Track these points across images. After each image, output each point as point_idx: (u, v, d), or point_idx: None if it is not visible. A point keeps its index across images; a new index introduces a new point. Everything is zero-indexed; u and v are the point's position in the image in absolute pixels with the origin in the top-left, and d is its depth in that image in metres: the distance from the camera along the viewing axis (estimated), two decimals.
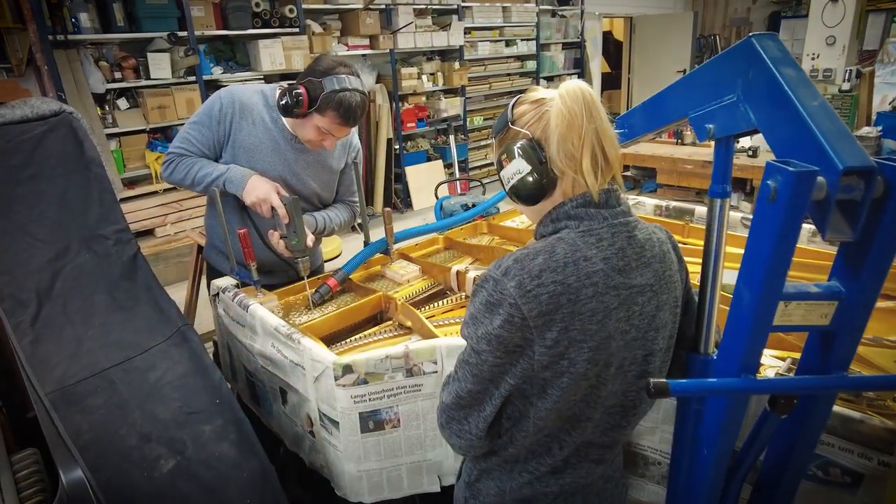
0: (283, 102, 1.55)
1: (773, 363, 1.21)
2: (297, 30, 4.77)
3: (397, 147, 5.77)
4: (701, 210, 2.07)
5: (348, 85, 1.54)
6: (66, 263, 1.41)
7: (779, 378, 0.90)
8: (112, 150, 4.15)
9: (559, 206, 0.87)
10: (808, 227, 1.79)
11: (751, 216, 1.99)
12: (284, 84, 1.62)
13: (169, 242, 4.36)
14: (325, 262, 3.18)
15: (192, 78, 4.34)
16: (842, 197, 0.70)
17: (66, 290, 1.36)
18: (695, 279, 1.01)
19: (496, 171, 0.93)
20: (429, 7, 5.79)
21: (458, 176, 5.36)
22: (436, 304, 1.67)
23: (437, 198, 2.37)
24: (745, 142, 4.51)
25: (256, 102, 1.71)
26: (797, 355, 1.26)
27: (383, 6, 5.37)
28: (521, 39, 6.90)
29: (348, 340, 1.49)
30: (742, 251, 0.79)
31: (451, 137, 4.43)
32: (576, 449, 0.91)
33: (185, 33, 4.17)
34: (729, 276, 1.58)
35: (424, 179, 5.93)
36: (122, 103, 4.18)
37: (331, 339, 1.53)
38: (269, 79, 4.72)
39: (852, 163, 0.68)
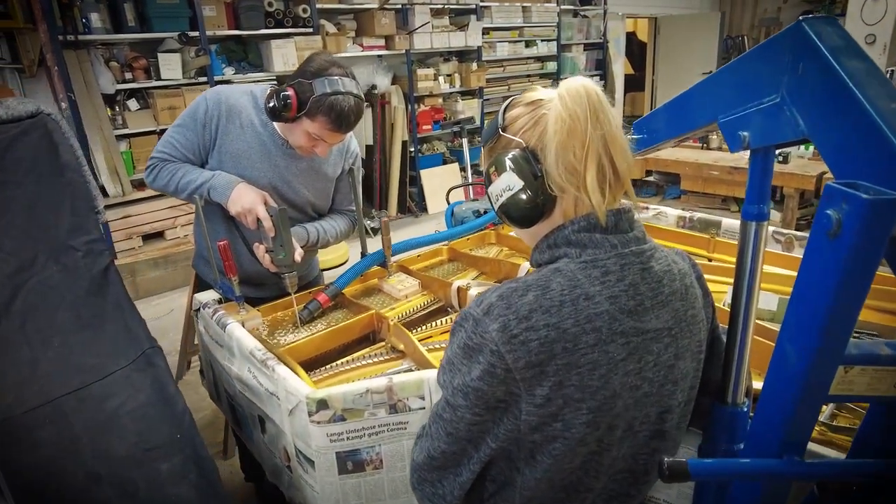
0: (271, 105, 1.43)
1: None
2: (310, 30, 4.68)
3: (412, 150, 5.65)
4: (728, 222, 1.89)
5: (341, 87, 1.40)
6: (30, 277, 1.30)
7: (834, 461, 0.72)
8: (122, 151, 4.11)
9: (558, 230, 0.72)
10: None
11: (782, 229, 1.81)
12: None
13: (178, 245, 4.32)
14: (331, 269, 3.08)
15: (204, 78, 4.28)
16: None
17: (26, 307, 1.25)
18: (719, 302, 0.84)
19: (484, 186, 0.78)
20: (446, 7, 5.66)
21: (471, 180, 5.20)
22: (435, 324, 1.53)
23: (448, 203, 2.25)
24: None
25: (245, 104, 1.60)
26: None
27: (399, 6, 5.26)
28: (542, 40, 6.73)
29: (332, 365, 1.36)
30: (773, 268, 0.62)
31: (465, 140, 4.28)
32: None
33: (196, 33, 4.11)
34: (763, 299, 1.40)
35: (440, 183, 5.80)
36: (133, 104, 4.15)
37: (317, 362, 1.40)
38: (281, 80, 4.62)
39: None
